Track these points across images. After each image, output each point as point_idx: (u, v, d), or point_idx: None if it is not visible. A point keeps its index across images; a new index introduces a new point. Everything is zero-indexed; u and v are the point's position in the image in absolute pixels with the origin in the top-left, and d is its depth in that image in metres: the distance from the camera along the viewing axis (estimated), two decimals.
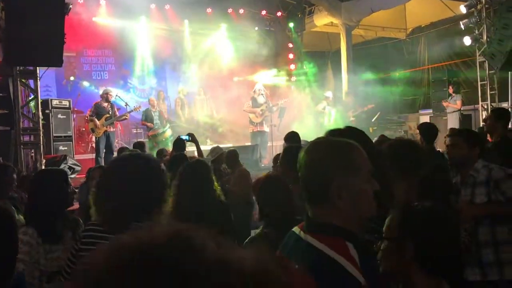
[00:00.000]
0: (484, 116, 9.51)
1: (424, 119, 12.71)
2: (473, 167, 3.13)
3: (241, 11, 14.13)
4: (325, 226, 1.33)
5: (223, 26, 14.37)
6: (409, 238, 1.51)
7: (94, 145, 10.54)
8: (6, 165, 4.12)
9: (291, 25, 15.37)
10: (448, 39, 13.48)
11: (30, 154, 8.54)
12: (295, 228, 1.45)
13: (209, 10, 13.75)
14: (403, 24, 16.09)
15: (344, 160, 1.36)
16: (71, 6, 8.56)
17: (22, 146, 8.07)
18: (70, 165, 9.13)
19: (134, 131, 13.34)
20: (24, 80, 8.21)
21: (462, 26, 11.14)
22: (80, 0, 11.90)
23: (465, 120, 11.47)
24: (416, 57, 16.17)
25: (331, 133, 2.11)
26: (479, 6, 10.81)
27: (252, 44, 13.70)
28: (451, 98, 11.54)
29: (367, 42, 16.58)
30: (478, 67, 11.43)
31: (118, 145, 11.64)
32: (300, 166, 1.41)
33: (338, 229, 1.31)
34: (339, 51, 14.60)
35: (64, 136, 10.71)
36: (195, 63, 14.58)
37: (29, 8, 6.48)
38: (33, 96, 8.35)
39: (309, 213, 1.40)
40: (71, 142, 10.88)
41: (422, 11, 14.50)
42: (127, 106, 10.85)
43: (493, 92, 11.13)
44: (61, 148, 10.43)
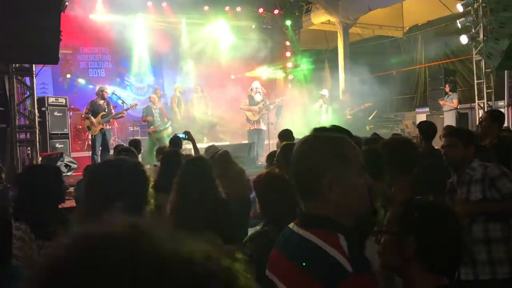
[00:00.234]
0: (480, 115, 9.53)
1: (421, 118, 12.73)
2: (470, 166, 3.14)
3: (238, 9, 14.11)
4: (317, 219, 1.37)
5: (220, 24, 14.34)
6: (410, 233, 1.49)
7: (90, 143, 10.51)
8: None
9: (288, 23, 15.35)
10: (445, 38, 13.52)
11: (26, 152, 8.51)
12: (291, 224, 1.47)
13: (206, 8, 13.72)
14: (400, 23, 16.12)
15: (335, 154, 1.38)
16: (67, 3, 8.53)
17: (18, 144, 8.04)
18: (67, 163, 9.11)
19: (131, 129, 13.33)
20: (20, 78, 8.18)
21: (459, 25, 11.16)
22: None
23: (462, 119, 11.51)
24: (413, 56, 16.21)
25: (317, 131, 2.12)
26: (476, 5, 10.82)
27: (249, 42, 13.68)
28: (448, 97, 11.57)
29: (364, 40, 16.60)
30: (475, 66, 11.46)
31: (115, 143, 11.63)
32: (292, 161, 1.44)
33: (329, 222, 1.34)
34: (336, 49, 14.62)
35: (61, 134, 10.68)
36: (192, 61, 14.55)
37: (25, 5, 6.45)
38: (29, 94, 8.32)
39: (302, 207, 1.43)
40: (68, 140, 10.86)
41: (419, 10, 14.53)
42: (124, 104, 10.83)
43: (490, 91, 11.16)
44: (58, 146, 10.41)
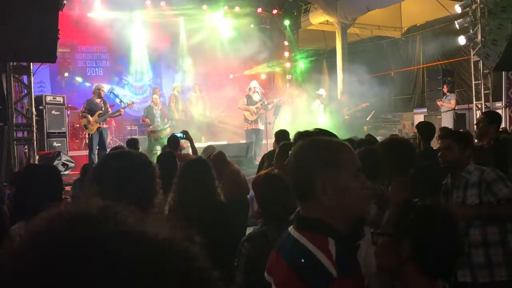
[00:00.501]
0: (478, 116, 9.55)
1: (419, 118, 12.76)
2: (466, 169, 3.13)
3: (237, 9, 14.11)
4: (311, 222, 1.39)
5: (219, 23, 14.34)
6: (407, 235, 1.48)
7: (87, 142, 10.48)
8: None
9: (287, 23, 15.36)
10: (443, 39, 13.52)
11: (24, 150, 8.49)
12: (291, 226, 1.49)
13: (205, 7, 13.71)
14: (399, 23, 16.13)
15: (329, 157, 1.40)
16: (65, 2, 8.52)
17: (16, 142, 8.03)
18: (64, 162, 9.10)
19: (129, 128, 13.33)
20: (18, 76, 8.16)
21: (457, 26, 11.18)
22: None
23: (459, 120, 11.53)
24: (411, 56, 16.22)
25: (301, 135, 2.13)
26: (474, 6, 10.84)
27: (248, 42, 13.68)
28: (446, 98, 11.59)
29: (363, 41, 16.61)
30: (473, 67, 11.48)
31: (113, 142, 11.63)
32: (289, 164, 1.47)
33: (322, 225, 1.36)
34: (335, 49, 14.62)
35: (58, 133, 10.66)
36: (190, 60, 14.55)
37: (23, 4, 6.44)
38: (27, 92, 8.30)
39: (300, 210, 1.46)
40: (65, 139, 10.84)
41: (418, 10, 14.55)
42: (122, 103, 10.83)
43: (487, 92, 11.19)
44: (55, 145, 10.39)
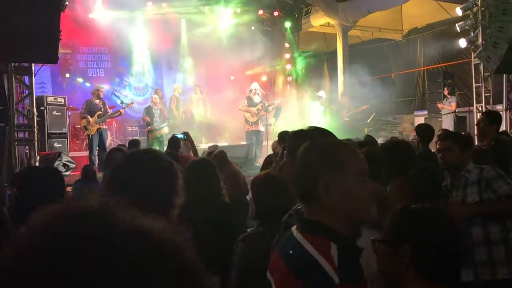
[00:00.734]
0: (478, 118, 9.55)
1: (419, 121, 12.75)
2: (465, 169, 3.16)
3: (238, 11, 14.13)
4: (313, 225, 1.37)
5: (220, 25, 14.36)
6: (405, 241, 1.46)
7: (87, 143, 10.49)
8: None
9: (288, 25, 15.38)
10: (444, 41, 13.54)
11: (25, 151, 8.51)
12: (293, 227, 1.48)
13: (206, 9, 13.74)
14: (399, 26, 16.14)
15: (332, 159, 1.39)
16: (67, 3, 8.54)
17: (17, 143, 8.04)
18: (65, 162, 9.11)
19: (130, 129, 13.33)
20: (19, 77, 8.18)
21: (458, 28, 11.19)
22: None
23: (460, 122, 11.53)
24: (412, 58, 16.22)
25: (295, 134, 2.13)
26: (475, 9, 10.86)
27: (249, 44, 13.70)
28: (446, 100, 11.60)
29: (364, 43, 16.62)
30: (473, 70, 11.49)
31: (114, 143, 11.64)
32: (286, 165, 1.46)
33: (325, 229, 1.34)
34: (335, 52, 14.63)
35: (59, 133, 10.68)
36: (191, 62, 14.58)
37: (25, 4, 6.45)
38: (28, 93, 8.32)
39: (303, 212, 1.45)
40: (66, 139, 10.86)
41: (418, 13, 14.55)
42: (123, 104, 10.85)
43: (488, 95, 11.19)
44: (56, 145, 10.41)
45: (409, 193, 2.38)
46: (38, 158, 8.37)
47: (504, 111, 10.64)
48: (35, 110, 8.43)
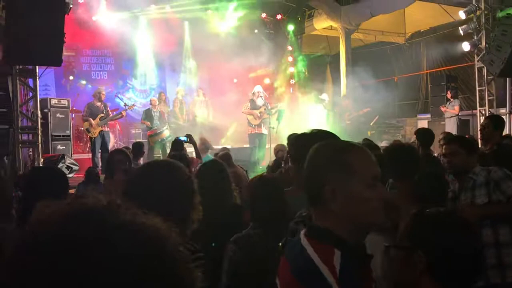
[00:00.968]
0: (481, 122, 9.53)
1: (422, 124, 12.75)
2: (472, 171, 3.14)
3: (241, 14, 14.15)
4: (319, 231, 1.34)
5: (223, 28, 14.39)
6: (420, 247, 1.41)
7: (90, 146, 10.49)
8: None
9: (291, 28, 15.41)
10: (447, 45, 13.53)
11: (28, 153, 8.53)
12: (302, 231, 1.44)
13: (209, 12, 13.77)
14: (402, 29, 16.14)
15: (340, 162, 1.34)
16: (72, 6, 8.57)
17: (21, 145, 8.06)
18: (68, 165, 9.13)
19: (133, 131, 13.35)
20: (23, 79, 8.21)
21: (461, 32, 11.18)
22: (81, 0, 11.91)
23: (463, 126, 11.51)
24: (415, 62, 16.22)
25: (298, 138, 2.12)
26: (478, 12, 10.85)
27: (252, 47, 13.72)
28: (449, 103, 11.58)
29: (366, 46, 16.62)
30: (477, 73, 11.47)
31: (117, 145, 11.65)
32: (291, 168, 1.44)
33: (330, 235, 1.31)
34: (338, 55, 14.64)
35: (63, 136, 10.71)
36: (195, 64, 14.61)
37: (30, 7, 6.49)
38: (32, 95, 8.35)
39: (311, 216, 1.42)
40: (70, 142, 10.89)
41: (422, 16, 14.54)
42: (126, 106, 10.88)
43: (491, 98, 11.18)
44: (59, 148, 10.43)
45: (415, 197, 2.36)
46: (42, 160, 8.38)
47: (508, 115, 10.63)
48: (39, 113, 8.46)
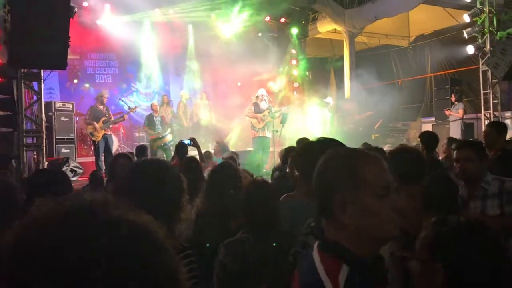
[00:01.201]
0: (483, 129, 9.50)
1: (427, 127, 12.71)
2: (483, 180, 3.05)
3: (245, 17, 14.17)
4: (328, 244, 1.28)
5: (227, 32, 14.41)
6: (441, 260, 1.33)
7: (93, 149, 10.47)
8: None
9: (295, 32, 15.42)
10: (451, 48, 13.51)
11: (33, 156, 8.55)
12: (317, 242, 1.38)
13: (213, 15, 13.80)
14: (407, 32, 16.14)
15: (349, 172, 1.27)
16: (76, 9, 8.61)
17: (25, 148, 8.09)
18: (72, 168, 9.16)
19: (137, 135, 13.38)
20: (28, 83, 8.24)
21: (466, 35, 11.16)
22: (85, 4, 11.96)
23: (468, 129, 11.47)
24: (419, 65, 16.19)
25: (303, 147, 2.11)
26: (483, 15, 10.83)
27: (256, 50, 13.73)
28: (454, 107, 11.54)
29: (371, 49, 16.62)
30: (481, 76, 11.44)
31: (121, 149, 11.68)
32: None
33: (338, 249, 1.25)
34: (342, 58, 14.64)
35: (67, 139, 10.74)
36: (198, 68, 14.63)
37: (35, 11, 6.52)
38: (37, 99, 8.37)
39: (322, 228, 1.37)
40: (74, 145, 10.92)
41: (426, 20, 14.54)
42: (129, 109, 10.90)
43: (496, 101, 11.14)
44: (64, 151, 10.47)
45: (424, 203, 2.32)
46: (46, 164, 8.41)
47: None
48: (44, 116, 8.48)
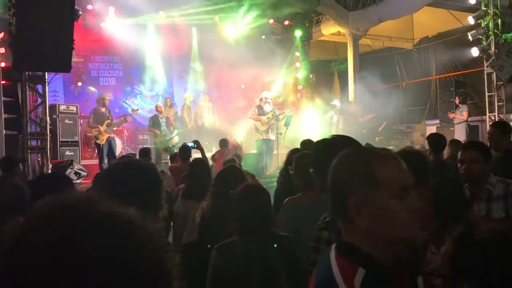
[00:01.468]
0: (488, 130, 9.46)
1: (431, 130, 12.65)
2: (488, 181, 3.02)
3: (249, 20, 14.18)
4: (344, 247, 1.25)
5: (231, 34, 14.43)
6: (467, 278, 1.23)
7: (97, 152, 10.46)
8: None
9: (298, 34, 15.42)
10: (456, 50, 13.46)
11: (37, 159, 8.58)
12: (334, 244, 1.35)
13: (217, 18, 13.82)
14: (411, 34, 16.09)
15: (364, 173, 1.23)
16: (81, 12, 8.63)
17: (29, 151, 8.11)
18: (76, 170, 9.17)
19: (140, 137, 13.39)
20: (33, 85, 8.27)
21: (470, 37, 11.12)
22: (90, 7, 12.00)
23: (472, 132, 11.42)
24: (423, 67, 16.15)
25: (318, 145, 2.08)
26: (487, 18, 10.80)
27: (259, 52, 13.73)
28: (458, 109, 11.50)
29: (374, 52, 16.59)
30: (486, 78, 11.39)
31: (125, 151, 11.68)
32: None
33: (354, 251, 1.21)
34: (346, 60, 14.62)
35: (71, 141, 10.76)
36: (202, 70, 14.65)
37: (40, 14, 6.54)
38: (41, 101, 8.40)
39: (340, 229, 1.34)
40: (78, 148, 10.93)
41: (430, 22, 14.49)
42: (133, 111, 10.91)
43: (501, 104, 11.09)
44: (68, 153, 10.48)
45: (431, 205, 2.29)
46: (50, 166, 8.43)
47: None
48: (48, 119, 8.51)
